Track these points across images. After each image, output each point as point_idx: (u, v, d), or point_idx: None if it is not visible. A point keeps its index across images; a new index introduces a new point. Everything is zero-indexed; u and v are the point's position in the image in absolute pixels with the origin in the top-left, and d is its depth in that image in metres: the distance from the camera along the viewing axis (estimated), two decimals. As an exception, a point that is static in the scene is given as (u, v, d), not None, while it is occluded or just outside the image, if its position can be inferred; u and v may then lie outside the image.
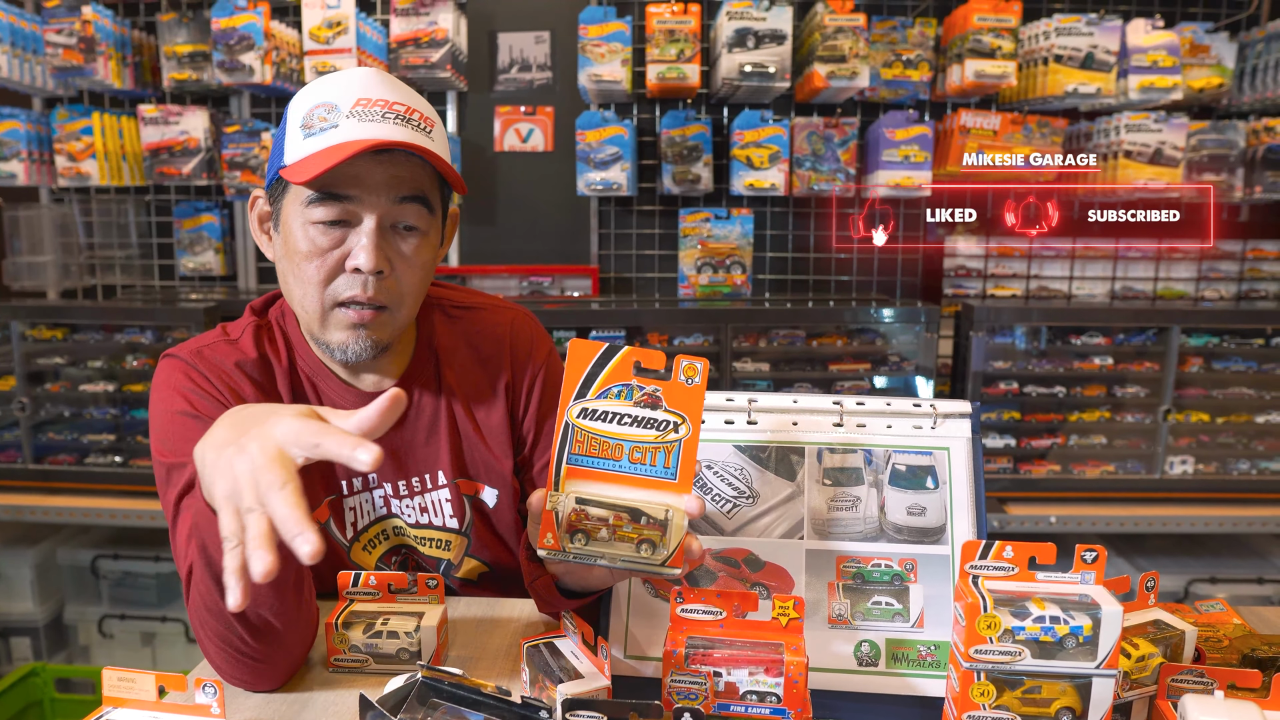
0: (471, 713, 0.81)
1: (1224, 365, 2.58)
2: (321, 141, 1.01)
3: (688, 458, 0.82)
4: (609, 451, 0.82)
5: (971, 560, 0.82)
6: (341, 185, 1.03)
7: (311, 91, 1.06)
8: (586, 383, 0.83)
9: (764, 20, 2.49)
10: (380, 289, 1.06)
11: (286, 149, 1.05)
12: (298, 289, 1.09)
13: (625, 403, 0.82)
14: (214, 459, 0.80)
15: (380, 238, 1.05)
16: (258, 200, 1.15)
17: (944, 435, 1.00)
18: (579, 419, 0.83)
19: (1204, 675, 0.82)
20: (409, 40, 2.63)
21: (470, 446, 1.22)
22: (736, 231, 2.82)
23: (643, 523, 0.81)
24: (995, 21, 2.49)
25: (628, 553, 0.81)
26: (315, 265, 1.05)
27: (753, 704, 0.80)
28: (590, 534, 0.80)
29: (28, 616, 2.65)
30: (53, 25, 2.58)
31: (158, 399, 1.10)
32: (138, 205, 2.99)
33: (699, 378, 0.82)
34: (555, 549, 0.81)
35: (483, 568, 1.25)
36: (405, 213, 1.06)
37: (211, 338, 1.16)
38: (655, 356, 0.83)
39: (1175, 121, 2.57)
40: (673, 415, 0.82)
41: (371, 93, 1.03)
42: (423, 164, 1.06)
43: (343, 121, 1.01)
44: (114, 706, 0.85)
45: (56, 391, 2.63)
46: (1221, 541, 2.70)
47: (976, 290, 2.91)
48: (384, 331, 1.10)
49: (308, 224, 1.05)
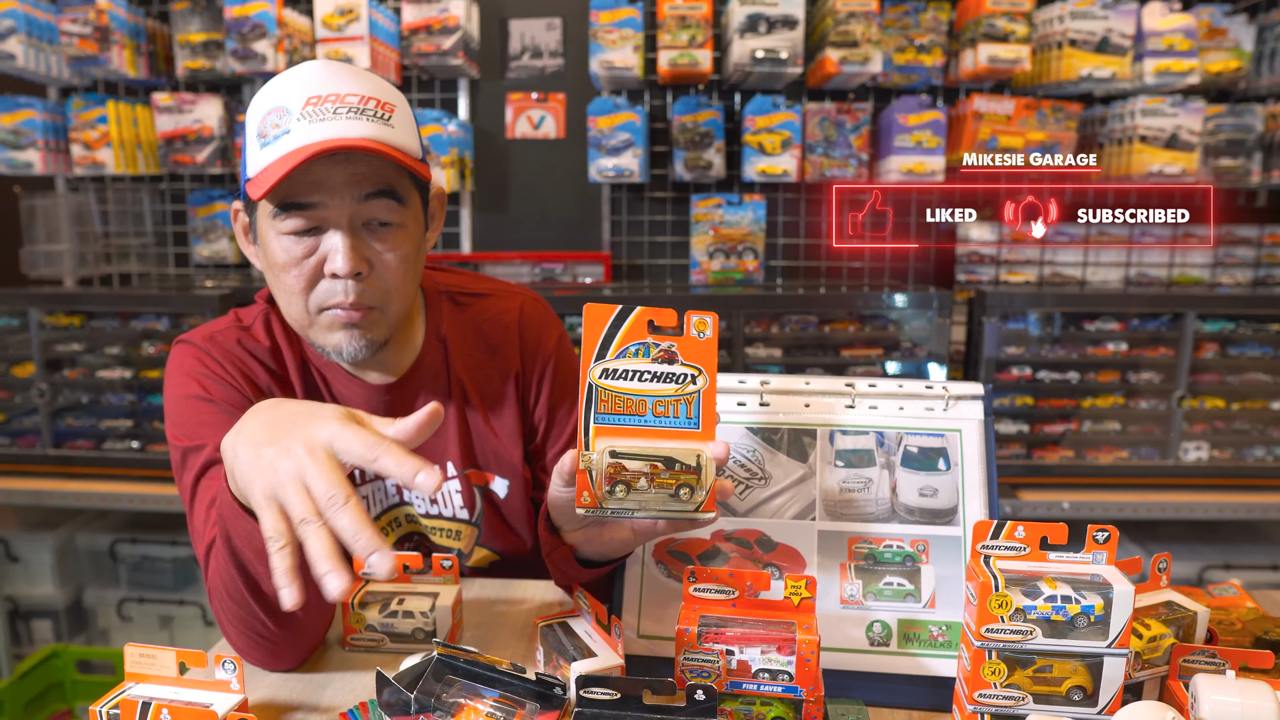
0: (487, 689, 0.82)
1: (1240, 351, 2.57)
2: (276, 150, 0.98)
3: (708, 407, 0.84)
4: (633, 407, 0.84)
5: (983, 540, 0.82)
6: (303, 193, 0.99)
7: (264, 96, 1.01)
8: (605, 344, 0.84)
9: (776, 5, 2.48)
10: (362, 291, 1.04)
11: (249, 161, 1.02)
12: (283, 299, 1.07)
13: (644, 360, 0.84)
14: (251, 457, 0.78)
15: (354, 239, 1.02)
16: (238, 213, 1.12)
17: (956, 417, 1.00)
18: (601, 379, 0.84)
19: (1216, 656, 0.83)
20: (421, 27, 2.63)
21: (479, 437, 1.22)
22: (748, 217, 2.81)
23: (678, 468, 0.82)
24: (1009, 5, 2.47)
25: (665, 500, 0.82)
26: (294, 275, 1.03)
27: (765, 682, 0.81)
28: (630, 484, 0.82)
29: (48, 600, 2.68)
30: (68, 15, 2.59)
31: (172, 384, 1.11)
32: (152, 193, 3.01)
33: (710, 330, 0.84)
34: (593, 506, 0.82)
35: (494, 556, 1.26)
36: (374, 209, 1.03)
37: (224, 323, 1.17)
38: (667, 315, 0.84)
39: (1192, 105, 2.55)
40: (689, 368, 0.84)
41: (321, 88, 0.99)
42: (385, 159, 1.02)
43: (294, 126, 0.97)
44: (136, 682, 0.87)
45: (74, 378, 2.66)
46: (1236, 528, 2.68)
47: (990, 276, 2.90)
48: (377, 329, 1.08)
49: (280, 235, 1.02)
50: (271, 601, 0.91)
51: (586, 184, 2.84)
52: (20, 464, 2.64)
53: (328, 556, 0.72)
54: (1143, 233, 2.87)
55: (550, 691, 0.81)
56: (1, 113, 2.72)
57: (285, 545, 0.73)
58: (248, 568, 0.89)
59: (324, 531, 0.72)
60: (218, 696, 0.85)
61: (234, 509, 0.85)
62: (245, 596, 0.91)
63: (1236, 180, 2.68)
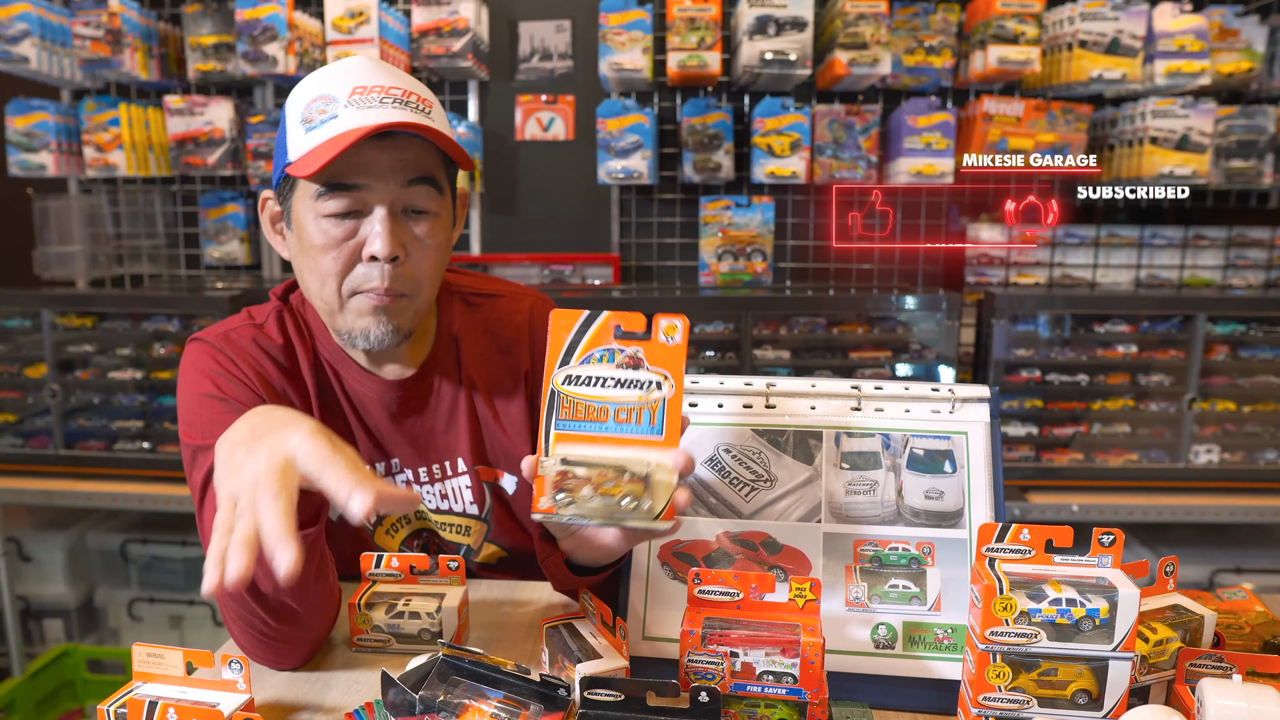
0: (491, 690, 0.82)
1: (1251, 353, 2.55)
2: (323, 133, 1.01)
3: (673, 415, 0.83)
4: (594, 414, 0.83)
5: (988, 543, 0.82)
6: (349, 175, 1.02)
7: (306, 86, 1.05)
8: (569, 350, 0.84)
9: (785, 7, 2.48)
10: (397, 276, 1.06)
11: (290, 146, 1.05)
12: (314, 282, 1.09)
13: (608, 366, 0.83)
14: (227, 456, 0.82)
15: (393, 223, 1.05)
16: (267, 201, 1.15)
17: (962, 420, 1.00)
18: (564, 385, 0.83)
19: (1223, 660, 0.82)
20: (430, 30, 2.64)
21: (489, 434, 1.23)
22: (757, 219, 2.81)
23: (626, 478, 0.81)
24: (1019, 7, 2.46)
25: (612, 508, 0.81)
26: (331, 257, 1.05)
27: (769, 684, 0.81)
28: (572, 492, 0.81)
29: (59, 599, 2.70)
30: (80, 18, 2.61)
31: (185, 382, 1.12)
32: (164, 195, 3.03)
33: (679, 336, 0.83)
34: (549, 512, 0.82)
35: (502, 553, 1.26)
36: (415, 195, 1.06)
37: (237, 322, 1.18)
38: (634, 319, 0.83)
39: (1203, 107, 2.53)
40: (655, 374, 0.83)
41: (367, 80, 1.03)
42: (427, 145, 1.06)
43: (341, 111, 1.01)
44: (143, 681, 0.87)
45: (86, 379, 2.68)
46: (1247, 532, 2.67)
47: (999, 278, 2.89)
48: (404, 317, 1.10)
49: (319, 217, 1.05)
50: (269, 600, 0.92)
51: (595, 186, 2.85)
52: (32, 464, 2.66)
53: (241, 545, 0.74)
54: (1153, 234, 2.86)
55: (554, 693, 0.81)
56: (15, 115, 2.75)
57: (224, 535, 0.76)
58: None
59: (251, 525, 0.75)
60: (224, 696, 0.85)
61: None
62: (243, 594, 0.92)
63: (1248, 182, 2.66)
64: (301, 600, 0.94)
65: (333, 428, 1.16)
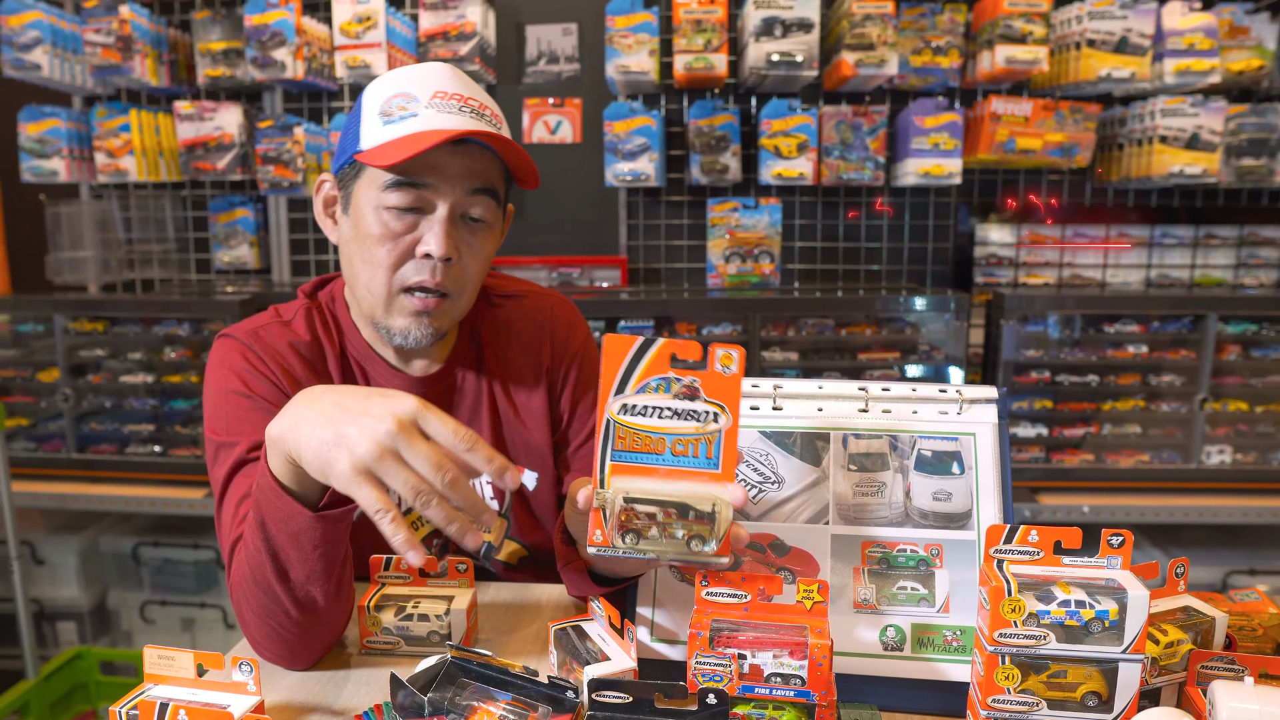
0: (499, 692, 0.82)
1: (1263, 353, 2.54)
2: (402, 129, 1.04)
3: (729, 447, 0.82)
4: (651, 446, 0.83)
5: (996, 544, 0.82)
6: (421, 173, 1.06)
7: (387, 81, 1.09)
8: (625, 377, 0.82)
9: (791, 9, 2.48)
10: (446, 275, 1.10)
11: (363, 134, 1.08)
12: (365, 272, 1.11)
13: (664, 395, 0.83)
14: (329, 436, 0.81)
15: (451, 225, 1.09)
16: (324, 184, 1.18)
17: (970, 421, 1.00)
18: (620, 415, 0.83)
19: (1234, 662, 0.82)
20: (438, 34, 2.65)
21: (511, 430, 1.25)
22: (765, 221, 2.81)
23: (691, 518, 0.81)
24: (1026, 6, 2.46)
25: (678, 548, 0.81)
26: (387, 249, 1.08)
27: (777, 686, 0.81)
28: (641, 533, 0.81)
29: (73, 602, 2.72)
30: (91, 25, 2.63)
31: (213, 378, 1.13)
32: (174, 200, 3.04)
33: (735, 366, 0.82)
34: (605, 545, 0.81)
35: (523, 551, 1.28)
36: (475, 204, 1.10)
37: (265, 319, 1.20)
38: (691, 347, 0.82)
39: (1213, 105, 2.52)
40: (712, 405, 0.82)
41: (448, 87, 1.07)
42: (494, 159, 1.10)
43: (422, 111, 1.05)
44: (155, 683, 0.88)
45: (98, 383, 2.70)
46: (1260, 533, 2.65)
47: (1008, 278, 2.88)
48: (445, 319, 1.14)
49: (382, 208, 1.08)
50: (296, 589, 0.93)
51: (603, 188, 2.85)
52: (46, 468, 2.68)
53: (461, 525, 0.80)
54: (1163, 234, 2.84)
55: (562, 695, 0.81)
56: (27, 122, 2.77)
57: (394, 517, 0.79)
58: (279, 554, 0.91)
59: (444, 504, 0.80)
60: (234, 698, 0.86)
61: (275, 491, 0.88)
62: (272, 583, 0.93)
63: (1259, 180, 2.65)
64: (326, 593, 0.95)
65: None
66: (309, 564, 0.91)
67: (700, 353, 0.83)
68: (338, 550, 0.93)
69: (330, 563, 0.93)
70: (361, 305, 1.16)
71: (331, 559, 0.93)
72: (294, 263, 3.04)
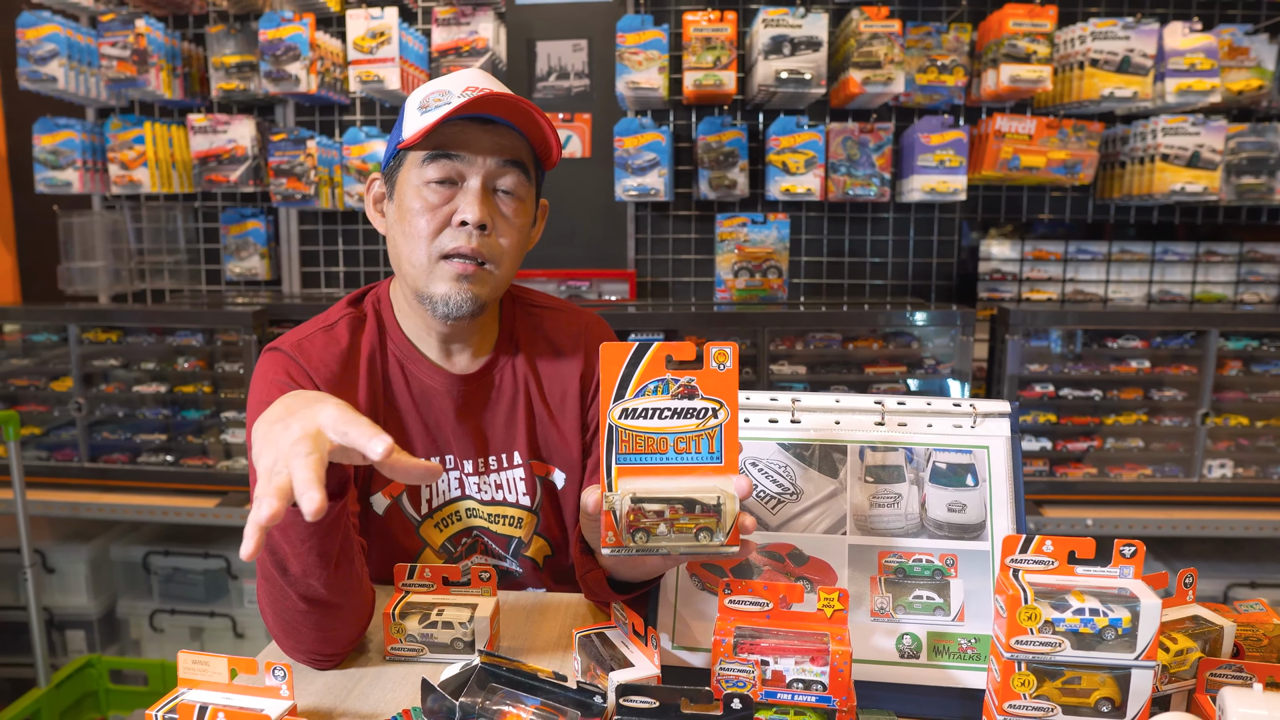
0: (528, 697, 0.85)
1: (1264, 369, 2.56)
2: (436, 113, 1.13)
3: (730, 440, 0.85)
4: (654, 446, 0.85)
5: (1012, 554, 0.84)
6: (452, 145, 1.15)
7: (426, 85, 1.20)
8: (623, 383, 0.86)
9: (799, 27, 2.52)
10: (483, 243, 1.17)
11: (405, 127, 1.18)
12: (406, 246, 1.18)
13: (663, 397, 0.86)
14: (264, 432, 0.86)
15: (484, 195, 1.17)
16: (374, 183, 1.28)
17: (983, 434, 1.02)
18: (621, 420, 0.86)
19: (1243, 670, 0.84)
20: (450, 49, 2.69)
21: (544, 430, 1.30)
22: (773, 236, 2.84)
23: (697, 511, 0.84)
24: (1030, 26, 2.50)
25: (688, 542, 0.84)
26: (426, 219, 1.16)
27: (799, 691, 0.83)
28: (650, 530, 0.84)
29: (82, 610, 2.73)
30: (107, 38, 2.67)
31: (256, 389, 1.19)
32: (186, 212, 3.07)
33: (730, 362, 0.85)
34: (618, 545, 0.84)
35: (548, 549, 1.31)
36: (506, 175, 1.18)
37: (309, 329, 1.25)
38: (685, 348, 0.86)
39: (1213, 124, 2.56)
40: (710, 402, 0.85)
41: (479, 83, 1.17)
42: (521, 139, 1.19)
43: (454, 100, 1.13)
44: (188, 688, 0.90)
45: (110, 392, 2.72)
46: (1261, 546, 2.67)
47: (1012, 294, 2.91)
48: (484, 287, 1.19)
49: (421, 185, 1.16)
50: (297, 582, 0.97)
51: (612, 203, 2.88)
52: (58, 476, 2.69)
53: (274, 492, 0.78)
54: (1165, 250, 2.87)
55: (590, 700, 0.83)
56: (42, 134, 2.80)
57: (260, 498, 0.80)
58: (275, 548, 0.96)
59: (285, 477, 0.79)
60: (268, 702, 0.88)
61: None
62: (275, 575, 0.97)
63: (1259, 198, 2.69)
64: (324, 581, 0.97)
65: (394, 425, 1.23)
66: (302, 557, 0.95)
67: (694, 352, 0.86)
68: (330, 543, 0.96)
69: (324, 556, 0.96)
70: (406, 281, 1.22)
71: (325, 552, 0.96)
72: (304, 274, 3.07)
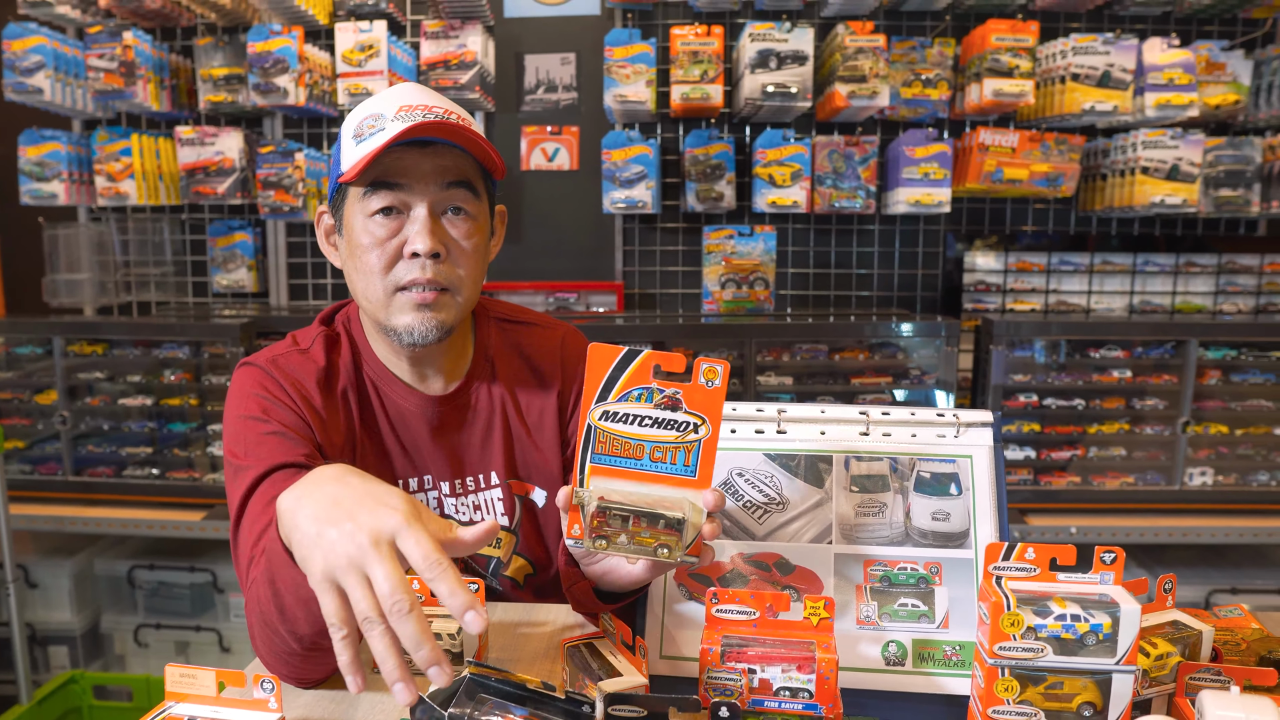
0: (517, 707, 0.85)
1: (1242, 378, 2.60)
2: (371, 143, 1.09)
3: (707, 456, 0.86)
4: (630, 451, 0.86)
5: (995, 561, 0.85)
6: (393, 175, 1.11)
7: (359, 109, 1.15)
8: (607, 386, 0.86)
9: (786, 41, 2.54)
10: (438, 271, 1.13)
11: (342, 159, 1.14)
12: (361, 281, 1.15)
13: (645, 405, 0.86)
14: (312, 532, 0.79)
15: (433, 222, 1.12)
16: (323, 216, 1.23)
17: (967, 444, 1.04)
18: (601, 421, 0.87)
19: (1221, 673, 0.86)
20: (439, 62, 2.70)
21: (522, 449, 1.28)
22: (759, 248, 2.86)
23: (660, 526, 0.85)
24: (1013, 41, 2.53)
25: (645, 555, 0.86)
26: (376, 255, 1.12)
27: (786, 699, 0.84)
28: (610, 539, 0.85)
29: (66, 625, 2.71)
30: (95, 50, 2.66)
31: (233, 404, 1.17)
32: (173, 224, 3.07)
33: (719, 380, 0.86)
34: (581, 539, 0.86)
35: (529, 568, 1.30)
36: (454, 197, 1.13)
37: (284, 347, 1.23)
38: (675, 360, 0.86)
39: (1192, 138, 2.60)
40: (692, 417, 0.86)
41: (413, 100, 1.12)
42: (465, 156, 1.14)
43: (389, 125, 1.09)
44: (176, 701, 0.89)
45: (95, 405, 2.70)
46: (1242, 552, 2.70)
47: (996, 305, 2.94)
48: (447, 312, 1.15)
49: (366, 219, 1.13)
50: (305, 639, 0.93)
51: (600, 215, 2.90)
52: (41, 490, 2.67)
53: (396, 666, 0.72)
54: (1145, 261, 2.91)
55: (579, 710, 0.83)
56: (27, 145, 2.80)
57: (347, 635, 0.75)
58: (286, 611, 0.91)
59: (389, 635, 0.72)
60: (257, 715, 0.87)
61: (284, 559, 0.87)
62: (279, 628, 0.94)
63: (1236, 210, 2.73)
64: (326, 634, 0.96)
65: (370, 445, 1.21)
66: (318, 623, 0.88)
67: (684, 365, 0.86)
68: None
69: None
70: (367, 315, 1.20)
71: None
72: (292, 286, 3.07)
